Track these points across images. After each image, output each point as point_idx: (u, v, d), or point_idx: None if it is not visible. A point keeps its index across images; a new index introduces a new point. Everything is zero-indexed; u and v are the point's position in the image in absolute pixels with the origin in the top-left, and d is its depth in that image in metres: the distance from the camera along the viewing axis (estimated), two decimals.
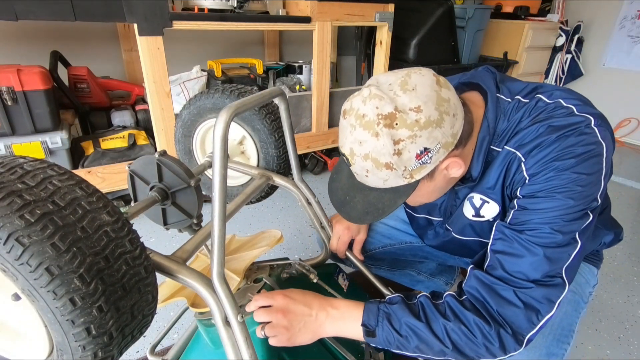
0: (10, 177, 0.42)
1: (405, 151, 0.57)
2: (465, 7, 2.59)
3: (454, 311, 0.64)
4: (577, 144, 0.59)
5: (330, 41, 1.86)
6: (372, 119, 0.57)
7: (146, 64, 1.42)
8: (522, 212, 0.63)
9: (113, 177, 1.56)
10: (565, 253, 0.61)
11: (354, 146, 0.60)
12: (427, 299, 0.67)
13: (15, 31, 1.77)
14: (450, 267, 1.29)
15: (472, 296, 0.65)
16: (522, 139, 0.64)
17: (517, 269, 0.62)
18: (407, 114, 0.56)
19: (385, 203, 0.66)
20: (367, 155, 0.59)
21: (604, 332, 1.32)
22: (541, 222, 0.61)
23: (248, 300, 0.79)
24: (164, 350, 1.10)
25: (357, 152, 0.60)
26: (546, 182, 0.60)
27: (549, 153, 0.60)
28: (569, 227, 0.60)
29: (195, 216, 0.79)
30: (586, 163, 0.59)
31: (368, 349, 0.91)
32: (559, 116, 0.62)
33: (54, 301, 0.40)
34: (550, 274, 0.61)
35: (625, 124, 3.23)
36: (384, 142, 0.57)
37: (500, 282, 0.62)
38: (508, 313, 0.61)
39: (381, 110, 0.56)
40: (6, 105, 1.29)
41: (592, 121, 0.61)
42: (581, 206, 0.60)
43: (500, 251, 0.64)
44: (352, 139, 0.60)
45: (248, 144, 1.01)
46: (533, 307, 0.61)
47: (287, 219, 1.90)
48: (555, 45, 3.21)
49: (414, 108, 0.56)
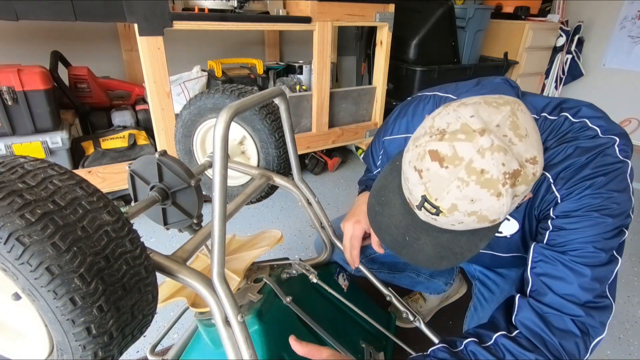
0: (10, 176, 0.42)
1: (514, 205, 0.52)
2: (465, 7, 2.59)
3: (513, 354, 0.59)
4: (605, 164, 0.61)
5: (331, 41, 1.86)
6: (496, 178, 0.48)
7: (146, 64, 1.42)
8: (559, 233, 0.62)
9: (113, 177, 1.56)
10: (609, 271, 0.61)
11: (461, 203, 0.51)
12: (476, 346, 0.60)
13: (16, 31, 1.77)
14: (450, 268, 1.29)
15: (528, 330, 0.61)
16: (550, 159, 0.64)
17: (567, 291, 0.60)
18: (526, 168, 0.50)
19: (463, 247, 0.60)
20: (474, 212, 0.51)
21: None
22: (583, 242, 0.60)
23: (248, 300, 0.79)
24: (164, 350, 1.10)
25: (461, 209, 0.51)
26: (581, 201, 0.60)
27: (580, 173, 0.61)
28: (609, 244, 0.60)
29: (195, 216, 0.79)
30: (616, 181, 0.60)
31: (368, 349, 0.91)
32: (586, 138, 0.63)
33: (54, 301, 0.40)
34: (600, 294, 0.60)
35: (626, 124, 3.23)
36: (504, 202, 0.50)
37: (554, 310, 0.60)
38: (569, 345, 0.59)
39: (508, 169, 0.48)
40: (6, 105, 1.29)
41: (616, 141, 0.63)
42: (618, 223, 0.60)
43: (545, 274, 0.62)
44: (459, 195, 0.50)
45: (248, 144, 1.01)
46: (589, 333, 0.60)
47: (287, 219, 1.90)
48: (556, 46, 3.21)
49: (530, 159, 0.50)
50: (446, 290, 1.31)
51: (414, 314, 0.92)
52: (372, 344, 0.94)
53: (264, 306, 0.78)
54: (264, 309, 0.78)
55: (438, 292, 1.30)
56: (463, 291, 1.41)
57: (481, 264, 0.88)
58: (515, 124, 0.50)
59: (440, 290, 1.29)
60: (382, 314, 1.12)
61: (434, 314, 1.35)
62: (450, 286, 1.31)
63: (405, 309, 0.92)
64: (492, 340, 0.61)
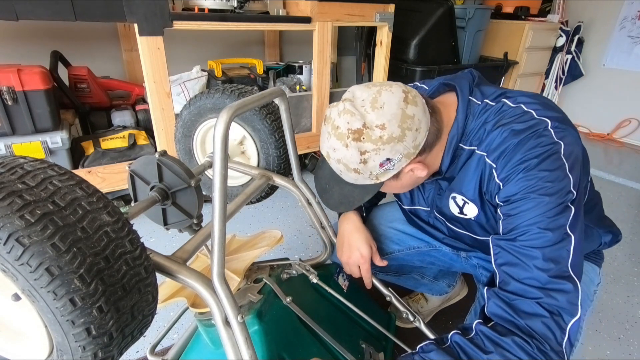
0: (10, 177, 0.42)
1: (370, 160, 0.66)
2: (465, 7, 2.59)
3: (491, 340, 0.62)
4: (536, 145, 0.65)
5: (331, 41, 1.86)
6: (344, 132, 0.65)
7: (146, 64, 1.42)
8: (507, 220, 0.67)
9: (113, 177, 1.56)
10: (563, 249, 0.62)
11: (329, 151, 0.69)
12: (459, 337, 0.64)
13: (16, 31, 1.77)
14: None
15: (499, 317, 0.64)
16: (490, 143, 0.70)
17: (525, 276, 0.62)
18: (372, 130, 0.64)
19: (355, 197, 0.75)
20: (339, 160, 0.68)
21: (604, 333, 1.32)
22: (527, 225, 0.63)
23: (248, 300, 0.79)
24: (164, 350, 1.10)
25: (331, 156, 0.69)
26: (518, 184, 0.65)
27: (514, 157, 0.66)
28: (554, 222, 0.62)
29: (195, 216, 0.79)
30: (547, 161, 0.64)
31: (368, 349, 0.91)
32: (520, 121, 0.68)
33: (54, 301, 0.40)
34: (559, 275, 0.61)
35: (625, 124, 3.23)
36: (352, 153, 0.66)
37: (518, 296, 0.62)
38: (537, 325, 0.60)
39: (351, 126, 0.64)
40: (6, 105, 1.29)
41: (548, 124, 0.67)
42: (558, 200, 0.62)
43: (504, 263, 0.66)
44: (328, 144, 0.69)
45: (248, 144, 1.01)
46: (559, 313, 0.60)
47: (287, 219, 1.90)
48: (556, 46, 3.20)
49: (379, 125, 0.64)
50: (448, 292, 1.31)
51: (413, 314, 0.92)
52: (372, 344, 0.94)
53: (264, 306, 0.78)
54: (264, 309, 0.78)
55: (440, 293, 1.30)
56: (464, 293, 1.41)
57: (470, 247, 0.93)
58: (375, 99, 0.65)
59: (443, 291, 1.30)
60: (382, 314, 1.12)
61: (434, 314, 1.36)
62: (453, 288, 1.31)
63: (405, 309, 0.92)
64: (473, 332, 0.65)
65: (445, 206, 0.83)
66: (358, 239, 0.93)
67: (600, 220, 0.88)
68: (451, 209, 0.82)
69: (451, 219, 0.85)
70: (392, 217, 1.06)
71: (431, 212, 0.91)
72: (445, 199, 0.82)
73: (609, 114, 3.31)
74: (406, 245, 1.05)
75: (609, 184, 2.51)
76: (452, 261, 1.05)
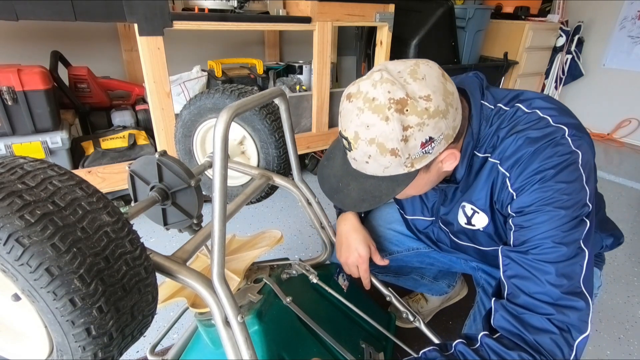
0: (10, 177, 0.42)
1: (412, 138, 0.58)
2: (465, 7, 2.59)
3: (497, 353, 0.59)
4: (553, 155, 0.61)
5: (331, 41, 1.86)
6: (383, 103, 0.56)
7: (146, 64, 1.42)
8: (520, 232, 0.63)
9: (113, 177, 1.56)
10: (576, 265, 0.60)
11: (360, 130, 0.59)
12: (464, 346, 0.62)
13: (16, 31, 1.77)
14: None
15: (506, 331, 0.61)
16: (504, 151, 0.66)
17: (536, 291, 0.60)
18: (417, 102, 0.56)
19: (382, 191, 0.65)
20: (373, 140, 0.58)
21: (604, 333, 1.32)
22: (541, 238, 0.60)
23: (248, 300, 0.79)
24: (164, 350, 1.10)
25: (362, 136, 0.59)
26: (532, 195, 0.61)
27: (529, 166, 0.62)
28: (569, 237, 0.60)
29: (195, 216, 0.79)
30: (565, 172, 0.60)
31: (368, 349, 0.91)
32: (536, 128, 0.64)
33: (54, 302, 0.40)
34: (572, 291, 0.59)
35: (626, 124, 3.23)
36: (393, 127, 0.56)
37: (528, 310, 0.60)
38: (545, 341, 0.58)
39: (393, 95, 0.56)
40: (6, 105, 1.29)
41: (566, 131, 0.63)
42: (574, 214, 0.60)
43: (513, 276, 0.63)
44: (358, 122, 0.58)
45: (248, 144, 1.01)
46: (568, 330, 0.59)
47: (287, 219, 1.90)
48: (556, 46, 3.20)
49: (424, 96, 0.57)
50: (448, 292, 1.31)
51: (413, 314, 0.92)
52: (372, 344, 0.94)
53: (264, 306, 0.78)
54: (264, 309, 0.78)
55: (440, 293, 1.30)
56: (464, 293, 1.41)
57: (471, 257, 0.90)
58: (414, 70, 0.58)
59: (443, 291, 1.30)
60: (382, 314, 1.12)
61: (434, 314, 1.36)
62: (453, 288, 1.31)
63: (405, 309, 0.92)
64: (478, 343, 0.62)
65: (452, 216, 0.80)
66: (356, 239, 0.93)
67: (603, 224, 0.87)
68: (459, 219, 0.79)
69: (457, 231, 0.82)
70: (391, 218, 1.06)
71: (435, 222, 0.88)
72: (454, 208, 0.79)
73: (609, 114, 3.31)
74: (405, 246, 1.05)
75: (609, 184, 2.51)
76: (451, 262, 1.05)
